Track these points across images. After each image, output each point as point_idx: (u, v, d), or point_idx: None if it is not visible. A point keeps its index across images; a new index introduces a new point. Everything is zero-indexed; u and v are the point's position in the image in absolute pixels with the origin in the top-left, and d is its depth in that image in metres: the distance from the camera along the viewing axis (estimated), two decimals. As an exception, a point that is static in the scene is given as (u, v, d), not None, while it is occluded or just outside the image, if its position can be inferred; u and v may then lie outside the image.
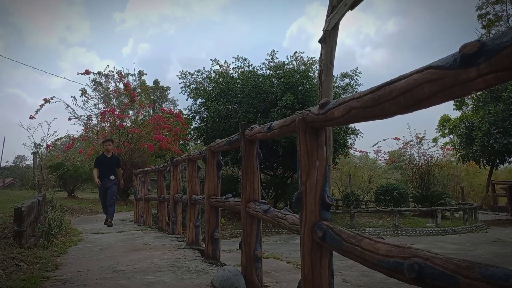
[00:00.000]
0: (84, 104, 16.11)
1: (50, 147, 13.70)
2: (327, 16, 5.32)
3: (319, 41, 5.35)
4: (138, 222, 9.45)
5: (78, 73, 15.97)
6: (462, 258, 1.08)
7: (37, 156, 13.36)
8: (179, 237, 6.24)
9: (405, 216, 13.46)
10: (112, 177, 7.80)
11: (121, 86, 16.51)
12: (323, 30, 5.28)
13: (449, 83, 0.99)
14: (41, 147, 12.42)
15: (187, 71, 15.35)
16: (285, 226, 2.35)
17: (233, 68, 15.02)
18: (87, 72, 15.78)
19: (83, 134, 16.50)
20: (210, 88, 14.58)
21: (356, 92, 14.27)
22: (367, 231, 11.54)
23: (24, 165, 25.99)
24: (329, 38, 5.25)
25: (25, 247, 4.62)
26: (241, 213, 3.15)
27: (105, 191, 7.82)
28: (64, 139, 18.14)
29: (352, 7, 4.99)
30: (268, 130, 2.57)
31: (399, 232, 11.87)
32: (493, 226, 13.16)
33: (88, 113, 16.05)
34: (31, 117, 12.09)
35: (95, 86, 16.94)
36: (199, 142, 17.04)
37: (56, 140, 15.56)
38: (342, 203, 15.69)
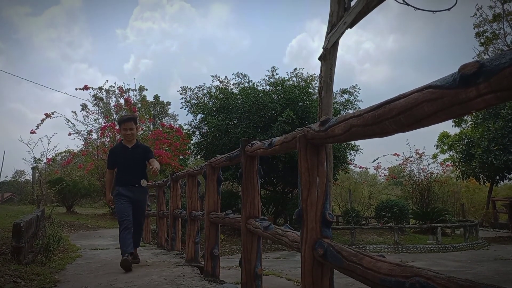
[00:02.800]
0: (84, 119, 16.16)
1: (50, 162, 13.68)
2: (327, 34, 5.38)
3: (319, 59, 5.40)
4: (137, 238, 9.37)
5: (76, 89, 16.05)
6: (464, 277, 1.07)
7: (37, 171, 13.32)
8: (178, 254, 6.19)
9: (406, 233, 13.38)
10: (143, 182, 4.90)
11: (122, 101, 16.57)
12: (322, 47, 5.33)
13: (448, 103, 1.00)
14: (40, 162, 12.39)
15: (187, 86, 15.50)
16: (285, 243, 2.34)
17: (233, 84, 15.15)
18: (85, 88, 15.84)
19: (83, 149, 16.50)
20: (210, 104, 14.66)
21: (355, 108, 14.40)
22: (367, 247, 11.46)
23: (23, 179, 25.91)
24: (328, 56, 5.30)
25: (23, 263, 4.59)
26: (241, 229, 3.14)
27: (128, 206, 4.81)
28: (64, 154, 18.12)
29: (351, 25, 5.06)
30: (268, 147, 2.58)
31: (399, 249, 11.78)
32: (494, 243, 13.07)
33: (89, 128, 16.10)
34: (32, 132, 12.09)
35: (95, 101, 17.01)
36: (199, 157, 17.05)
37: (56, 155, 15.55)
38: (342, 219, 15.61)
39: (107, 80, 28.63)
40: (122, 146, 4.95)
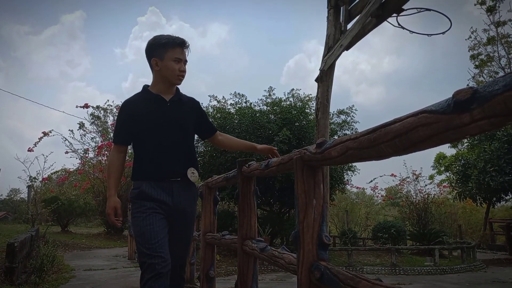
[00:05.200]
0: (81, 138, 16.18)
1: (46, 181, 13.62)
2: (324, 56, 5.46)
3: (316, 80, 5.46)
4: (132, 258, 9.27)
5: (77, 106, 16.12)
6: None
7: (32, 190, 13.25)
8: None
9: (403, 254, 13.28)
10: (192, 173, 2.51)
11: (119, 120, 16.61)
12: (319, 69, 5.40)
13: (443, 128, 1.01)
14: (36, 180, 12.33)
15: (185, 106, 15.55)
16: (282, 265, 2.32)
17: (231, 104, 15.22)
18: (86, 106, 15.93)
19: (79, 168, 16.46)
20: (207, 123, 14.70)
21: (352, 128, 14.45)
22: (365, 269, 11.35)
23: (19, 198, 25.72)
24: (325, 77, 5.36)
25: (16, 284, 4.52)
26: (238, 251, 3.12)
27: (161, 224, 2.36)
28: (60, 173, 18.07)
29: (347, 48, 5.14)
30: (265, 168, 2.58)
31: (397, 270, 11.68)
32: (491, 265, 12.97)
33: (85, 147, 16.09)
34: (30, 150, 12.09)
35: (93, 120, 17.06)
36: (195, 176, 16.99)
37: (52, 174, 15.50)
38: (339, 240, 15.51)
39: (108, 100, 28.79)
40: (153, 96, 2.47)
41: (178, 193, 2.47)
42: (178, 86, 2.59)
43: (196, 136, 2.83)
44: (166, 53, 2.45)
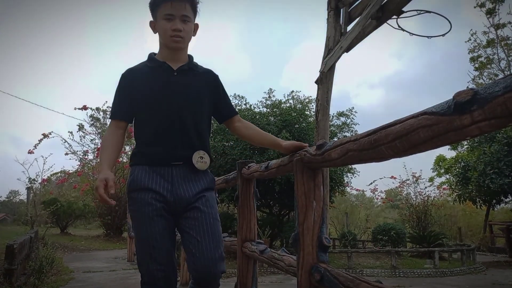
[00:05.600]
0: (81, 139, 16.18)
1: (45, 183, 13.60)
2: (324, 58, 5.46)
3: (316, 82, 5.46)
4: (131, 260, 9.25)
5: (75, 108, 16.11)
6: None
7: (31, 191, 13.23)
8: None
9: (403, 257, 13.26)
10: (200, 159, 2.00)
11: (119, 122, 16.61)
12: (319, 71, 5.40)
13: (443, 129, 1.01)
14: (35, 182, 12.32)
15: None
16: (281, 267, 2.32)
17: (231, 106, 15.23)
18: (84, 108, 15.93)
19: (79, 170, 16.45)
20: (207, 125, 14.71)
21: (352, 130, 14.46)
22: (364, 272, 11.33)
23: (18, 200, 25.71)
24: (325, 79, 5.36)
25: (15, 286, 4.51)
26: (237, 253, 3.11)
27: (162, 225, 1.94)
28: (59, 175, 18.07)
29: (347, 50, 5.14)
30: (265, 169, 2.58)
31: (397, 273, 11.66)
32: (491, 268, 12.95)
33: (85, 148, 16.09)
34: (30, 152, 12.06)
35: (92, 122, 17.06)
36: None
37: (51, 175, 15.50)
38: (339, 242, 15.50)
39: (106, 101, 28.76)
40: (157, 64, 2.07)
41: (179, 181, 1.96)
42: (191, 54, 2.17)
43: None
44: (158, 11, 2.04)
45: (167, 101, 2.00)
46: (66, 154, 15.59)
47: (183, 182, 1.98)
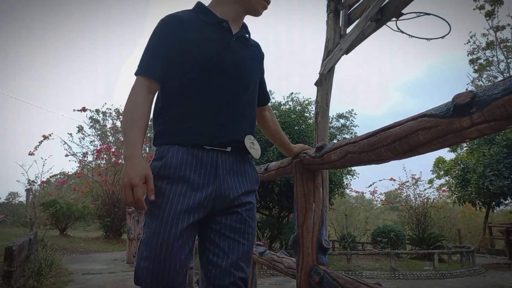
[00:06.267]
0: (80, 141, 16.18)
1: (44, 184, 13.59)
2: (323, 60, 5.46)
3: (315, 84, 5.46)
4: (130, 262, 9.24)
5: (74, 110, 16.10)
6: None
7: (31, 193, 13.22)
8: None
9: (402, 259, 13.26)
10: (252, 142, 1.61)
11: (118, 123, 16.62)
12: (319, 73, 5.40)
13: (443, 131, 1.01)
14: (35, 183, 12.30)
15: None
16: (281, 270, 2.32)
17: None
18: (83, 109, 15.92)
19: (78, 171, 16.45)
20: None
21: (351, 132, 14.46)
22: (364, 274, 11.32)
23: (17, 201, 25.69)
24: (325, 81, 5.36)
25: (14, 287, 4.50)
26: (237, 255, 3.10)
27: (191, 228, 1.43)
28: (58, 176, 18.06)
29: (347, 51, 5.15)
30: (264, 171, 2.58)
31: (396, 275, 11.66)
32: (491, 270, 12.94)
33: (84, 150, 16.09)
34: (31, 153, 12.05)
35: (92, 123, 17.05)
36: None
37: (50, 177, 15.48)
38: (338, 244, 15.49)
39: (106, 103, 28.84)
40: (216, 21, 1.57)
41: (223, 173, 1.50)
42: (245, 21, 1.71)
43: None
44: None
45: (224, 70, 1.53)
46: (66, 155, 15.60)
47: (228, 175, 1.52)
